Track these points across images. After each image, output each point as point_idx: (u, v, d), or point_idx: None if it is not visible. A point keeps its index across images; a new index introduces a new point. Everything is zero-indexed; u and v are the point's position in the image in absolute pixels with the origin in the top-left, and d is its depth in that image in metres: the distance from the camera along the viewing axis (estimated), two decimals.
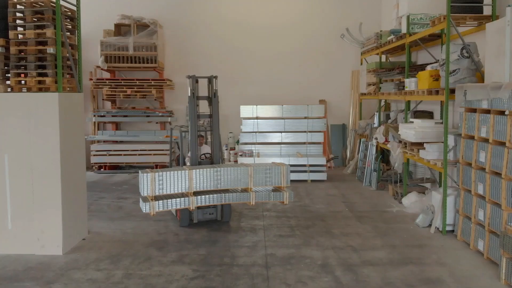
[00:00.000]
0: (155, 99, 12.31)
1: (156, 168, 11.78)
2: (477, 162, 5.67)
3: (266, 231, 6.57)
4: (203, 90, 7.13)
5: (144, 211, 5.67)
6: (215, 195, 6.00)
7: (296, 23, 12.59)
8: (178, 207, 5.87)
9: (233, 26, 12.61)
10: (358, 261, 5.38)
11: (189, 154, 7.07)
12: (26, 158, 5.67)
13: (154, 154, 11.85)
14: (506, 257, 4.75)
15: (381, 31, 9.91)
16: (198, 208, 6.46)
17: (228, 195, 6.05)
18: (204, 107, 7.16)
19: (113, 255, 5.65)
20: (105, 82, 11.82)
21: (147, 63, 11.76)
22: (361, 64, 11.70)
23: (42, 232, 5.71)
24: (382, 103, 10.81)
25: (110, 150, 11.74)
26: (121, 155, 11.76)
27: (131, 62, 11.74)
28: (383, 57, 10.71)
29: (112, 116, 12.18)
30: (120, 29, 12.07)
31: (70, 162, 5.95)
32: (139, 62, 11.76)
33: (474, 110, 5.81)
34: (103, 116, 12.17)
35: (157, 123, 12.63)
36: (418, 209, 7.31)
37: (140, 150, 11.83)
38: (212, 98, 6.96)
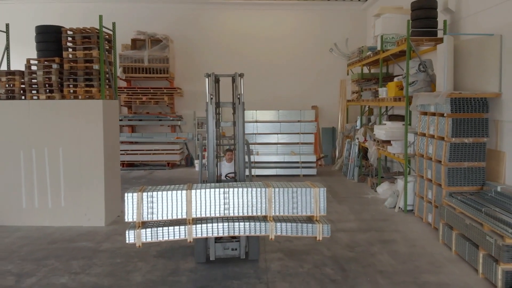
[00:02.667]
0: (167, 105, 13.95)
1: (168, 165, 13.43)
2: (427, 154, 7.29)
3: None
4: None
5: (127, 241, 4.67)
6: (221, 224, 4.73)
7: (291, 38, 14.28)
8: (172, 238, 4.69)
9: (235, 42, 14.27)
10: (334, 229, 6.97)
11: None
12: (76, 150, 7.29)
13: (166, 154, 13.47)
14: (442, 223, 6.36)
15: (362, 46, 11.55)
16: (217, 241, 5.36)
17: (239, 225, 4.73)
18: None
19: None
20: (123, 90, 13.45)
21: (160, 73, 13.41)
22: (348, 74, 13.35)
23: (88, 209, 7.32)
24: (366, 108, 12.43)
25: (127, 150, 13.35)
26: (137, 154, 13.38)
27: (146, 73, 13.40)
28: (366, 69, 12.36)
29: (129, 120, 13.78)
30: (136, 44, 13.71)
31: (110, 154, 7.57)
32: (153, 73, 13.41)
33: (425, 113, 7.44)
34: (121, 120, 13.73)
35: (168, 126, 14.25)
36: (388, 195, 8.91)
37: (154, 150, 13.45)
38: (236, 104, 5.59)
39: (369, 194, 9.49)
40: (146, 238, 4.64)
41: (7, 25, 8.22)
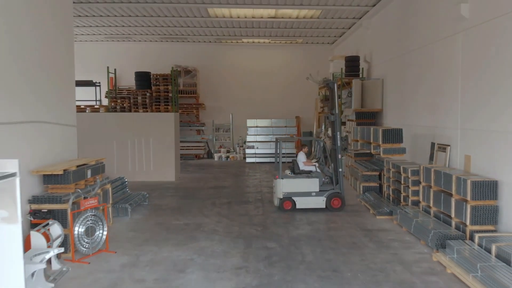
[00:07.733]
0: (195, 116, 20.22)
1: (196, 157, 19.67)
2: (349, 142, 13.51)
3: (261, 175, 14.37)
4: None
5: None
6: None
7: (281, 69, 20.64)
8: None
9: (241, 70, 20.61)
10: None
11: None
12: (160, 140, 13.49)
13: (194, 149, 19.70)
14: (350, 175, 12.56)
15: (324, 78, 17.80)
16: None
17: None
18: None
19: (196, 180, 13.51)
20: None
21: (190, 94, 19.70)
22: (318, 95, 19.63)
23: (165, 172, 13.52)
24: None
25: None
26: None
27: (181, 94, 19.65)
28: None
29: None
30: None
31: (176, 143, 13.78)
32: (186, 93, 19.69)
33: (350, 120, 13.68)
34: None
35: (195, 130, 20.51)
36: None
37: (186, 147, 19.67)
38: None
39: None
40: None
41: (115, 70, 14.49)
